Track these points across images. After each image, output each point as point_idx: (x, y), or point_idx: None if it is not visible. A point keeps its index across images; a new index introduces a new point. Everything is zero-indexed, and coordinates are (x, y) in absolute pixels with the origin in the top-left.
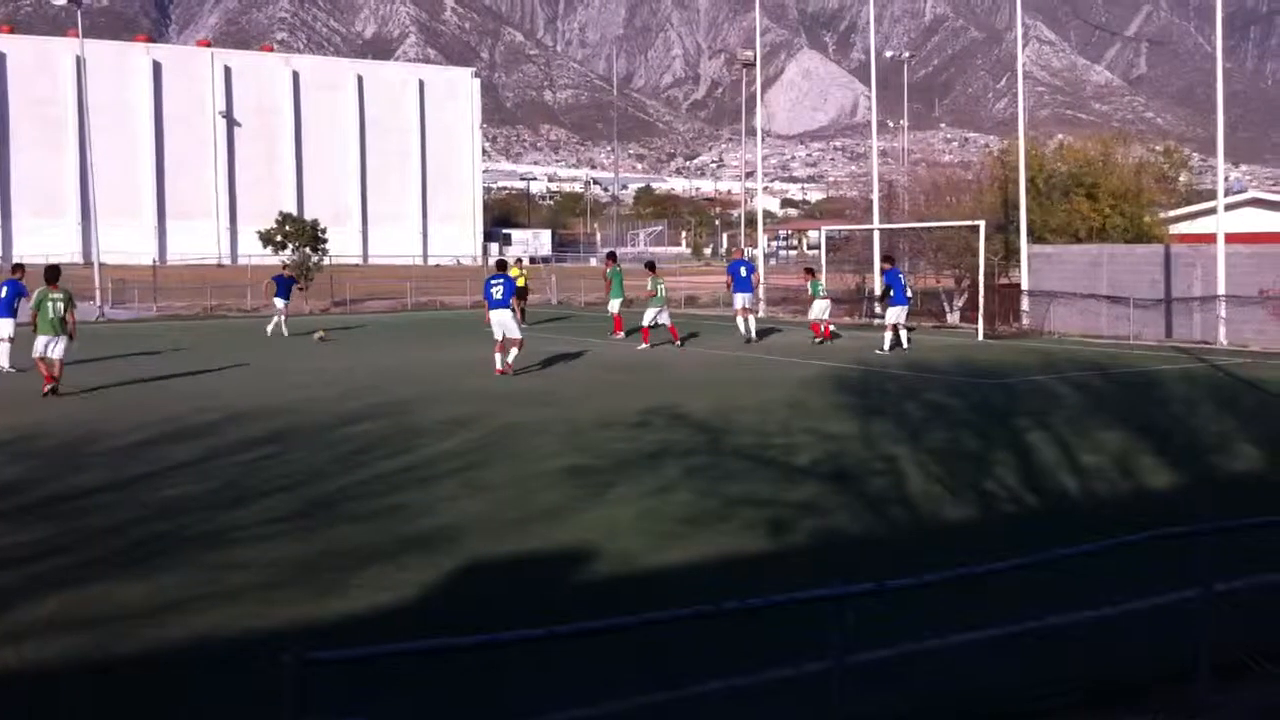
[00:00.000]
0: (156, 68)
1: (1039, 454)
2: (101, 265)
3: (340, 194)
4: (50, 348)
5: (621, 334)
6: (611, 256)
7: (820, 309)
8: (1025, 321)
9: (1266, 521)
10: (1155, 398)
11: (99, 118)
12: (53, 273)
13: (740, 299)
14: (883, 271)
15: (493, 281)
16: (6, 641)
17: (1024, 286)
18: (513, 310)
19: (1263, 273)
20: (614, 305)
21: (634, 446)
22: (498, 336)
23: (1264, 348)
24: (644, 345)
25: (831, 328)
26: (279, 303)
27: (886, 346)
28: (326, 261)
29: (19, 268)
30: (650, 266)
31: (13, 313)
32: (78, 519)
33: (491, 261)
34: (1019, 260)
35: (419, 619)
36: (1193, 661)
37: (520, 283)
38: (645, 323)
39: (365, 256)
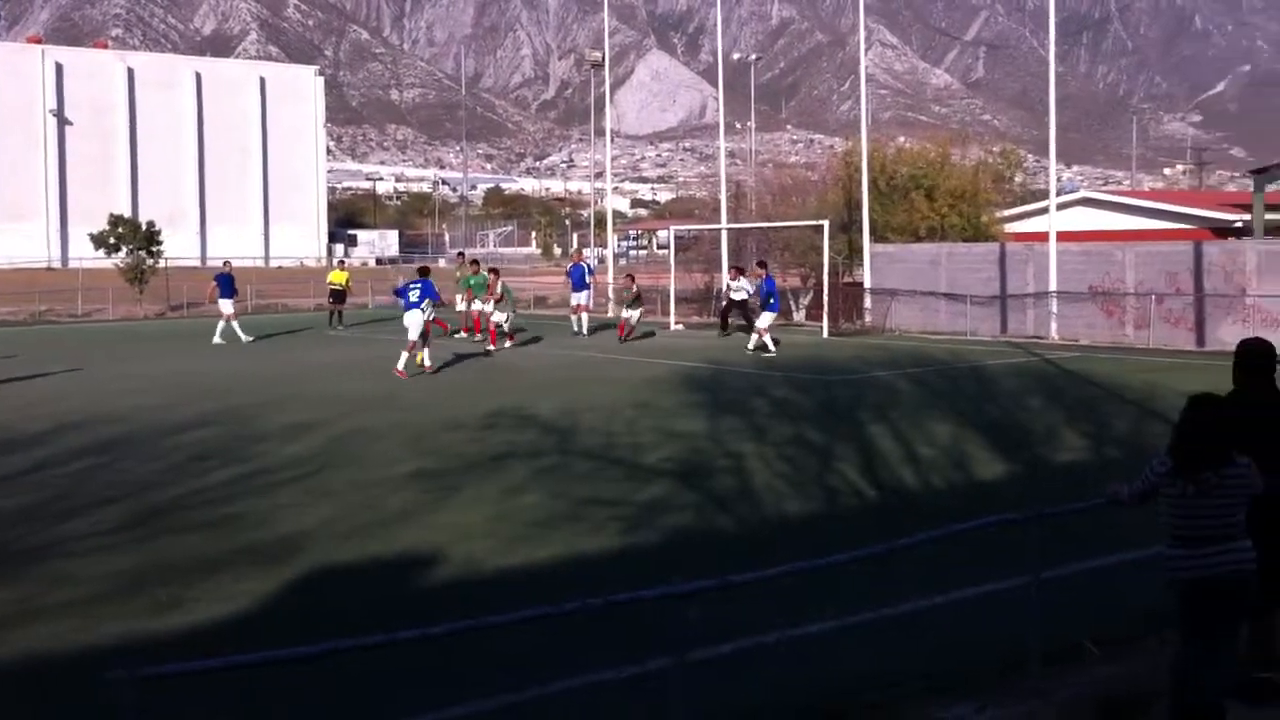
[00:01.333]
0: None
1: (880, 448)
2: None
3: (178, 194)
4: None
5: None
6: (475, 263)
7: (632, 315)
8: (868, 319)
9: (1090, 505)
10: (990, 392)
11: None
12: None
13: (577, 297)
14: (761, 278)
15: (411, 286)
16: None
17: (867, 284)
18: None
19: (1092, 270)
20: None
21: (481, 449)
22: (412, 337)
23: (1093, 342)
24: (507, 345)
25: (629, 329)
26: (226, 305)
27: (772, 348)
28: (162, 264)
29: None
30: (494, 272)
31: None
32: None
33: (334, 261)
34: (862, 259)
35: (260, 630)
36: (1024, 648)
37: (343, 282)
38: (495, 322)
39: (204, 258)
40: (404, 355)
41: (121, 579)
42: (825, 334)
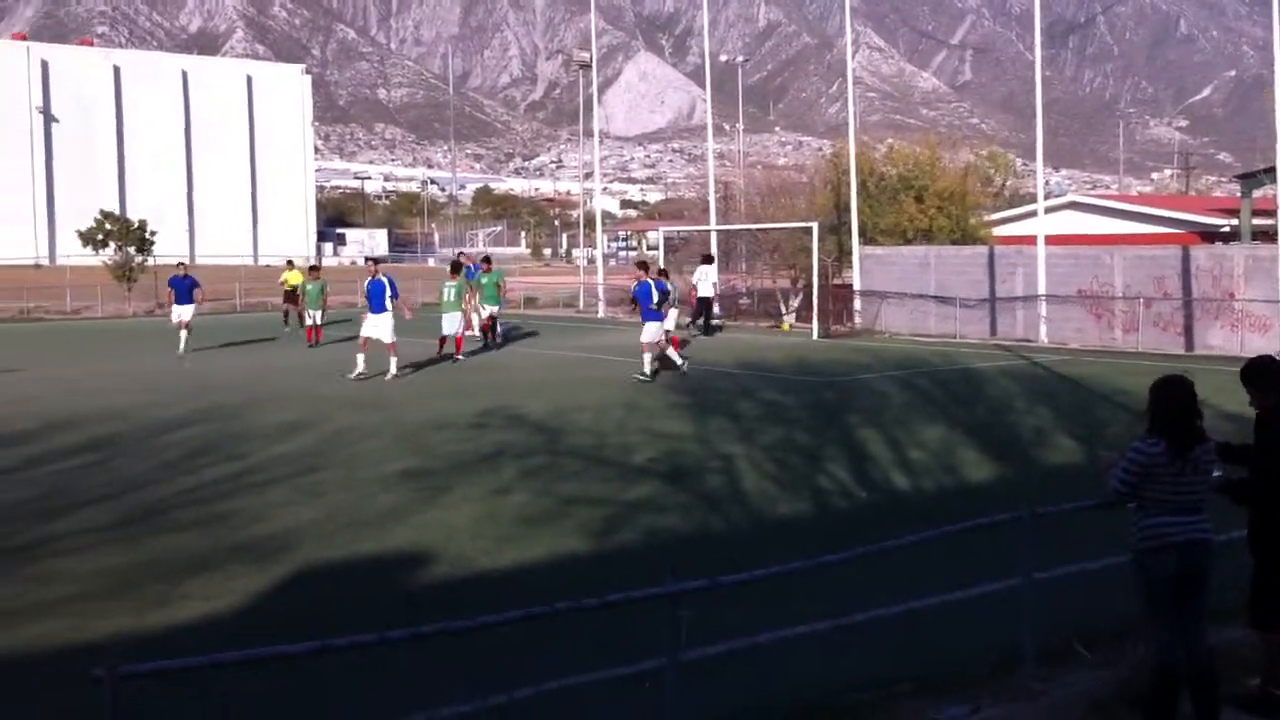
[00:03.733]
0: None
1: (869, 450)
2: None
3: (165, 192)
4: None
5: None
6: (487, 260)
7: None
8: (858, 321)
9: (1082, 506)
10: (980, 394)
11: None
12: None
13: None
14: (635, 280)
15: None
16: None
17: (856, 287)
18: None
19: (1081, 273)
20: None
21: (470, 448)
22: (382, 337)
23: (1082, 345)
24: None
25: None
26: (179, 312)
27: (647, 369)
28: (152, 261)
29: None
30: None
31: None
32: None
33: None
34: (852, 261)
35: (249, 627)
36: (1016, 649)
37: (297, 283)
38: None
39: (193, 256)
40: (392, 360)
41: (112, 577)
42: (815, 336)
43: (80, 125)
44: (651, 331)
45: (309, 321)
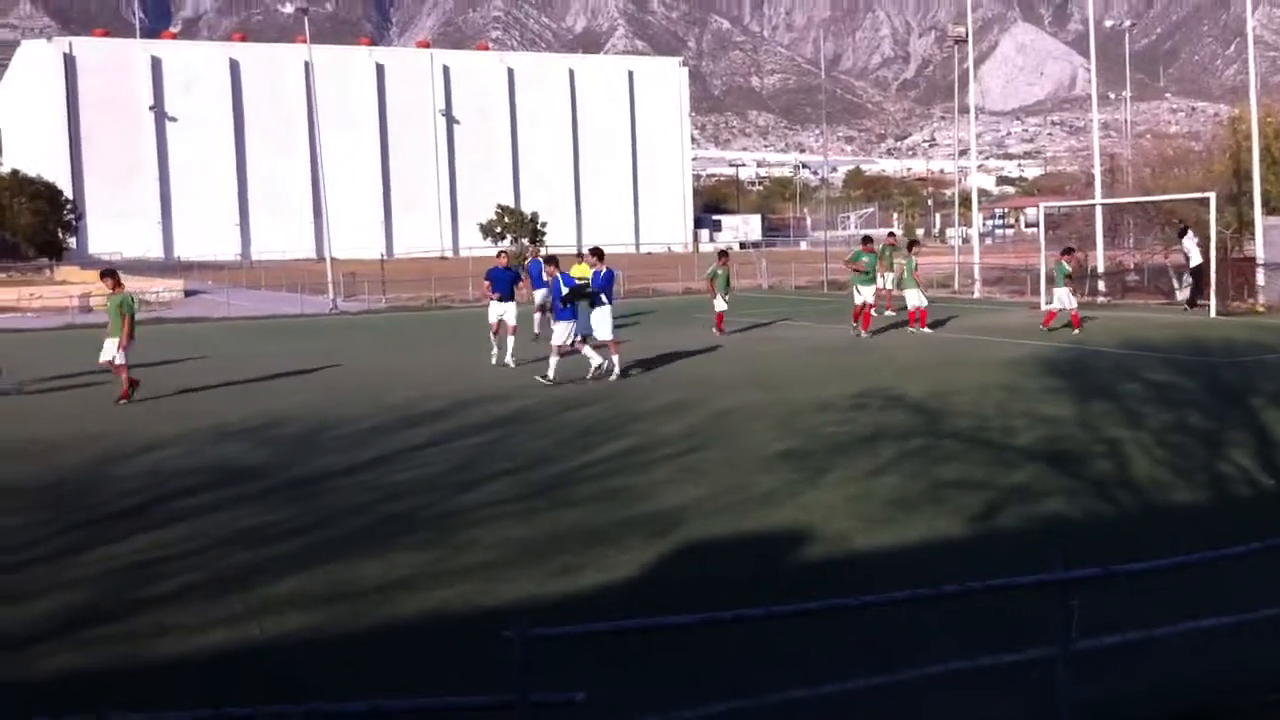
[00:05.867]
0: (379, 69)
1: (1276, 435)
2: (333, 260)
3: (554, 185)
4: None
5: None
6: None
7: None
8: (1262, 297)
9: None
10: None
11: (326, 119)
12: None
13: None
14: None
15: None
16: (249, 617)
17: (1259, 260)
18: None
19: None
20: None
21: (849, 429)
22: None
23: None
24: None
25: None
26: (497, 310)
27: (551, 373)
28: (544, 252)
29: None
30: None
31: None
32: (316, 501)
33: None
34: (1254, 233)
35: (640, 598)
36: None
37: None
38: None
39: (580, 246)
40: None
41: (517, 546)
42: (1213, 313)
43: (478, 125)
44: (561, 332)
45: (719, 307)
